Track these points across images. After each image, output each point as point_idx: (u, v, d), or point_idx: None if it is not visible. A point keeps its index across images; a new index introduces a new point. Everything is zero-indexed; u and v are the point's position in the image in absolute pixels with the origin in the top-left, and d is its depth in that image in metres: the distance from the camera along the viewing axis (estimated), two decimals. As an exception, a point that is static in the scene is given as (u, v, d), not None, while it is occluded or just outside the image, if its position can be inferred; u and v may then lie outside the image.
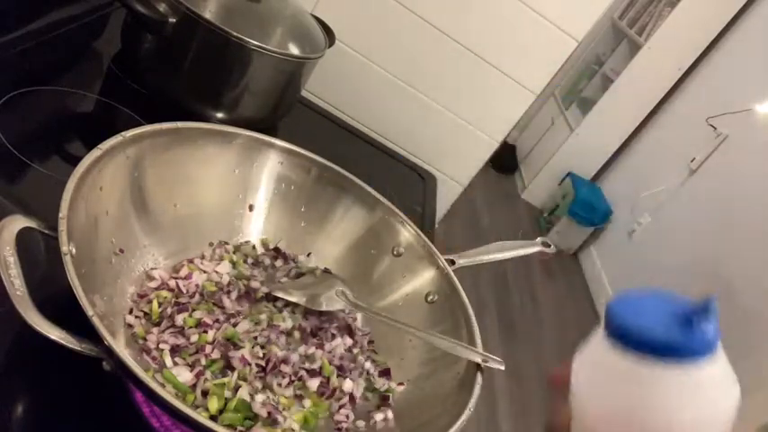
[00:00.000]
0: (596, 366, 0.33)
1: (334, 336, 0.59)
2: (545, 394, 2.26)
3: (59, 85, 0.71)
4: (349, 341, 0.59)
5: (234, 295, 0.56)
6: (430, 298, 0.64)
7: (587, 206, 3.21)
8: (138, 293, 0.52)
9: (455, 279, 0.63)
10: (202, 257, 0.59)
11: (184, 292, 0.54)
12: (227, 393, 0.47)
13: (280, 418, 0.47)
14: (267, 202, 0.66)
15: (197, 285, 0.55)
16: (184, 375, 0.47)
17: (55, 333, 0.35)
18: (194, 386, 0.47)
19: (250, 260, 0.62)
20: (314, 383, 0.52)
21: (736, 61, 2.94)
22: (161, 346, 0.48)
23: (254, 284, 0.59)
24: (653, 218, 2.98)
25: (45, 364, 0.43)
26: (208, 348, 0.49)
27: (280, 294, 0.58)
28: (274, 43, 0.77)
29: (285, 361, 0.52)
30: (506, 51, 1.06)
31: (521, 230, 3.31)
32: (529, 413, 2.14)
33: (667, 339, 0.30)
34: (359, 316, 0.64)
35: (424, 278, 0.65)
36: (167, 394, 0.36)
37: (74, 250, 0.39)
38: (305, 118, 1.03)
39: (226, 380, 0.47)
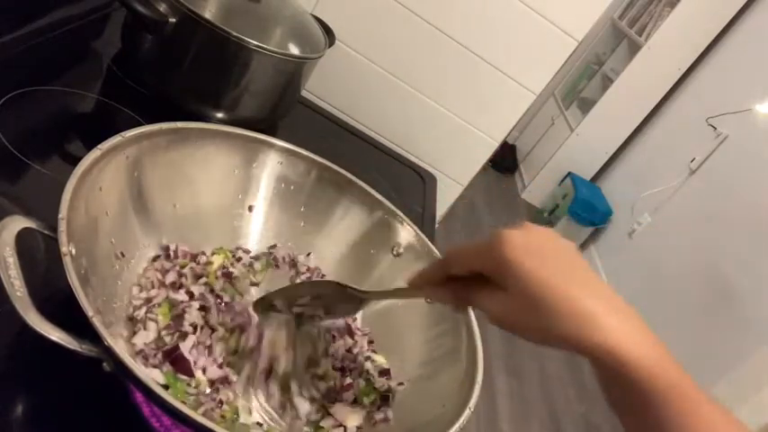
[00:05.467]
0: None
1: (334, 337, 0.59)
2: (545, 394, 2.26)
3: (59, 85, 0.71)
4: (349, 341, 0.59)
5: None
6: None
7: (587, 206, 3.21)
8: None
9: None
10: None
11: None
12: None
13: None
14: (267, 202, 0.66)
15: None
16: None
17: (55, 334, 0.35)
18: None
19: (249, 260, 0.62)
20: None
21: (736, 61, 2.94)
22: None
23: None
24: (653, 218, 2.98)
25: (45, 365, 0.43)
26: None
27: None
28: (274, 43, 0.77)
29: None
30: (506, 51, 1.06)
31: (521, 230, 3.30)
32: (529, 413, 2.14)
33: None
34: (359, 316, 0.64)
35: (423, 278, 0.65)
36: (167, 395, 0.36)
37: (73, 251, 0.39)
38: (305, 118, 1.03)
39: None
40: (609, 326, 0.36)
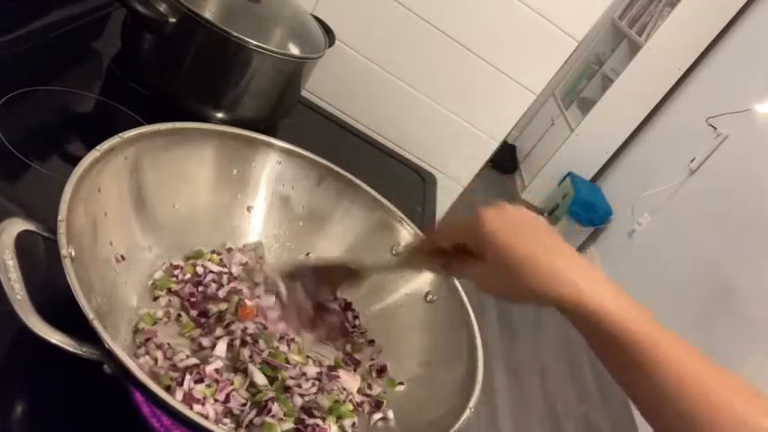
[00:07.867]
0: None
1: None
2: (545, 394, 2.26)
3: (59, 85, 0.71)
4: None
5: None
6: (429, 297, 0.64)
7: (587, 206, 3.21)
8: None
9: (455, 278, 0.63)
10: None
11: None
12: None
13: None
14: (266, 202, 0.66)
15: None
16: None
17: (55, 337, 0.35)
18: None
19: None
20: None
21: (736, 61, 2.94)
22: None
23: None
24: (653, 218, 2.98)
25: (45, 367, 0.43)
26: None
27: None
28: (274, 43, 0.77)
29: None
30: (506, 51, 1.06)
31: (521, 230, 3.30)
32: (529, 412, 2.14)
33: None
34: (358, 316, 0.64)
35: (423, 278, 0.65)
36: (168, 396, 0.36)
37: (73, 253, 0.39)
38: (305, 118, 1.03)
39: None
40: (572, 279, 0.41)
